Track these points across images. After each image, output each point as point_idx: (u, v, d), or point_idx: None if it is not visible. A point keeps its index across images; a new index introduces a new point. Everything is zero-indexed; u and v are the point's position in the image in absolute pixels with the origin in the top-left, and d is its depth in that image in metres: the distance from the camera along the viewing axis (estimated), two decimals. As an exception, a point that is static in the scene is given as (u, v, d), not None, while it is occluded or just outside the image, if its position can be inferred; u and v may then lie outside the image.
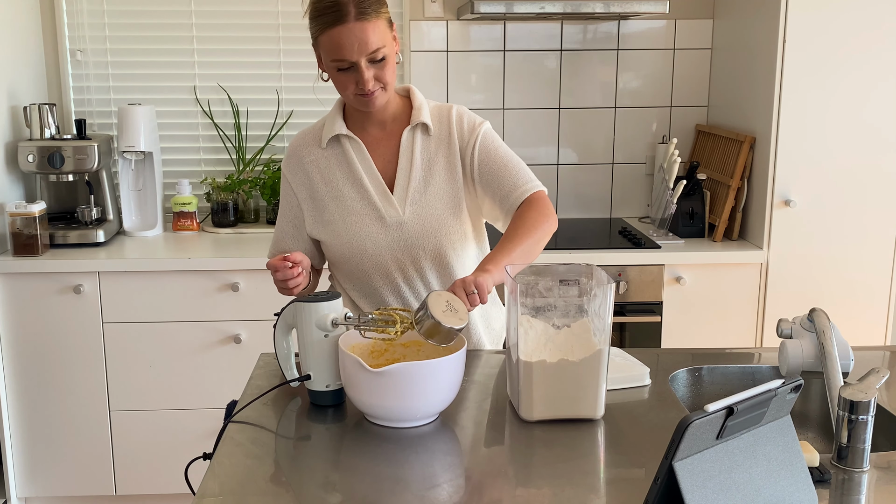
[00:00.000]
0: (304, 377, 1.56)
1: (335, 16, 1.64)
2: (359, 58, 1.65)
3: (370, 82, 1.68)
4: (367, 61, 1.66)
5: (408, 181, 1.80)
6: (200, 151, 3.36)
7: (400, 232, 1.79)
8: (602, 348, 1.45)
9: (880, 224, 2.89)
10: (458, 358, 1.45)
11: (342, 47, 1.64)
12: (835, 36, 2.77)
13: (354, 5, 1.63)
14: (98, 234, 2.93)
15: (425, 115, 1.81)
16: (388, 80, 1.71)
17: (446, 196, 1.80)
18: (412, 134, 1.82)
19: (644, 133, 3.44)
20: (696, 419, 1.00)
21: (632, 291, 2.88)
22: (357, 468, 1.32)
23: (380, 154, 1.83)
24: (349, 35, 1.63)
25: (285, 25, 3.26)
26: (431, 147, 1.82)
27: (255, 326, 2.84)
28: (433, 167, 1.81)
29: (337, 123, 1.82)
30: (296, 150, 1.86)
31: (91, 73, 3.26)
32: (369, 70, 1.67)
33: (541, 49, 3.35)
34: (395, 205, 1.79)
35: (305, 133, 1.88)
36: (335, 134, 1.81)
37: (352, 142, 1.82)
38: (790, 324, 1.72)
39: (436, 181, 1.80)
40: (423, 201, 1.79)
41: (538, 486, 1.26)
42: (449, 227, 1.80)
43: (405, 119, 1.84)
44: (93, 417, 2.88)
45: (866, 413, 1.30)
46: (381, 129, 1.84)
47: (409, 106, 1.85)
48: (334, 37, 1.64)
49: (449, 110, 1.85)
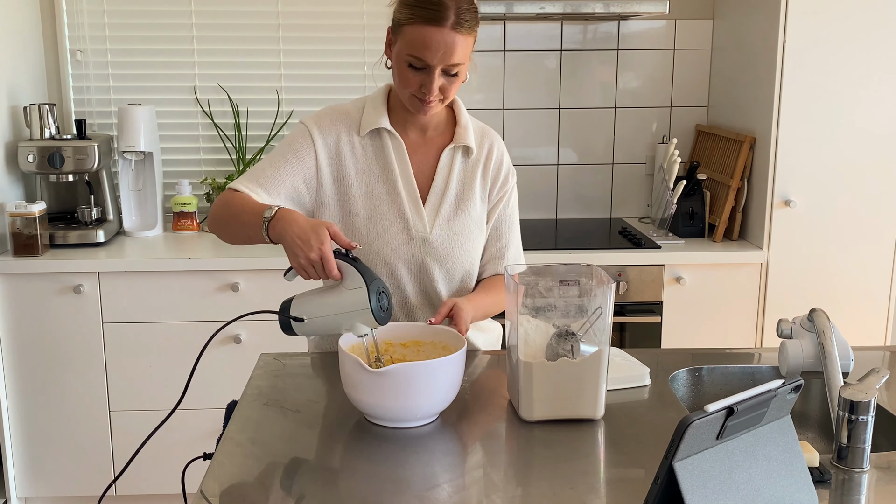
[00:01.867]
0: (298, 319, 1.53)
1: (434, 15, 1.58)
2: (438, 64, 1.61)
3: (436, 91, 1.64)
4: (442, 70, 1.63)
5: (440, 200, 1.77)
6: (200, 151, 3.36)
7: (423, 248, 1.76)
8: (602, 348, 1.45)
9: (880, 224, 2.89)
10: (458, 358, 1.46)
11: (427, 48, 1.59)
12: (835, 36, 2.77)
13: (455, 13, 1.58)
14: (98, 235, 2.93)
15: (470, 138, 1.78)
16: (450, 96, 1.68)
17: (473, 224, 1.79)
18: (453, 153, 1.79)
19: (644, 133, 3.44)
20: (696, 419, 1.00)
21: (632, 291, 2.88)
22: (357, 468, 1.32)
23: (416, 161, 1.78)
24: (439, 39, 1.59)
25: (285, 25, 3.26)
26: (468, 170, 1.80)
27: (255, 326, 2.84)
28: (466, 193, 1.79)
29: (381, 116, 1.75)
30: (334, 122, 1.76)
31: (91, 73, 3.26)
32: (440, 79, 1.63)
33: (541, 49, 3.35)
34: (425, 220, 1.76)
35: (344, 110, 1.78)
36: (378, 127, 1.75)
37: (393, 140, 1.77)
38: (790, 324, 1.72)
39: (466, 207, 1.79)
40: (451, 225, 1.77)
41: (538, 486, 1.26)
42: (470, 254, 1.80)
43: (446, 130, 1.80)
44: (93, 417, 2.88)
45: (866, 413, 1.30)
46: (420, 134, 1.79)
47: (452, 116, 1.81)
48: (424, 34, 1.59)
49: (492, 141, 1.83)
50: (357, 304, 1.48)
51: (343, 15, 3.26)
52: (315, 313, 1.53)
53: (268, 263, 2.78)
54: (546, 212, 3.46)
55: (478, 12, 1.65)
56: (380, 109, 1.76)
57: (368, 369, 1.39)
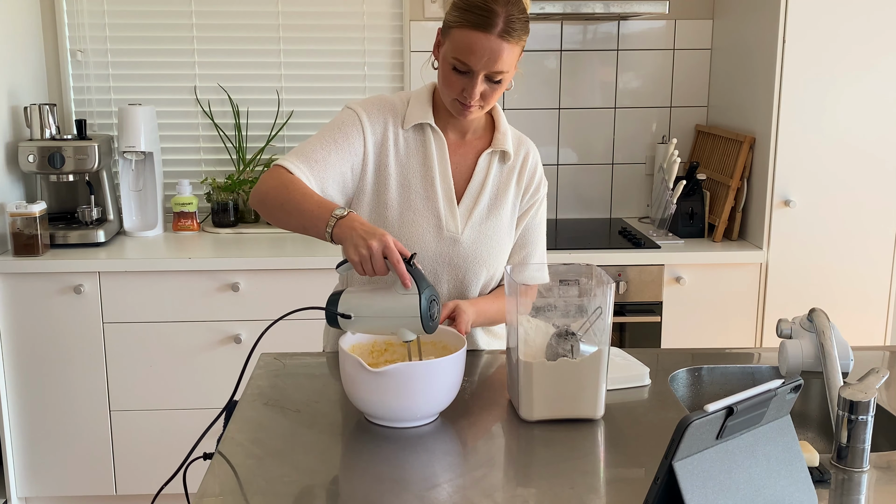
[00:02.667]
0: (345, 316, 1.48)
1: (483, 20, 1.58)
2: (481, 70, 1.61)
3: (477, 96, 1.64)
4: (485, 76, 1.63)
5: (474, 202, 1.78)
6: (201, 151, 3.36)
7: (452, 248, 1.76)
8: (602, 348, 1.45)
9: (880, 224, 2.89)
10: (458, 358, 1.46)
11: (473, 52, 1.59)
12: (835, 36, 2.77)
13: (504, 20, 1.58)
14: (98, 235, 2.93)
15: (508, 144, 1.80)
16: (490, 102, 1.68)
17: (503, 228, 1.81)
18: (490, 157, 1.80)
19: (644, 133, 3.44)
20: (696, 419, 1.00)
21: (632, 291, 2.88)
22: (357, 468, 1.32)
23: (454, 161, 1.79)
24: (486, 45, 1.59)
25: (285, 25, 3.26)
26: (503, 176, 1.81)
27: (255, 326, 2.84)
28: (500, 197, 1.80)
29: (426, 112, 1.75)
30: (382, 111, 1.75)
31: (91, 73, 3.26)
32: (482, 85, 1.64)
33: (541, 49, 3.35)
34: (458, 220, 1.76)
35: (390, 101, 1.77)
36: (422, 122, 1.75)
37: (436, 136, 1.77)
38: (790, 324, 1.73)
39: (498, 212, 1.80)
40: (483, 228, 1.78)
41: (538, 486, 1.26)
42: (496, 258, 1.81)
43: (484, 135, 1.82)
44: (93, 417, 2.88)
45: (866, 413, 1.30)
46: (460, 135, 1.80)
47: (490, 121, 1.83)
48: (471, 39, 1.59)
49: (528, 149, 1.85)
50: (407, 309, 1.45)
51: (343, 15, 3.26)
52: (362, 312, 1.49)
53: (268, 263, 2.78)
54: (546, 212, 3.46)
55: (528, 21, 1.65)
56: (425, 106, 1.76)
57: (368, 369, 1.40)
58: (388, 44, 3.30)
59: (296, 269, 2.79)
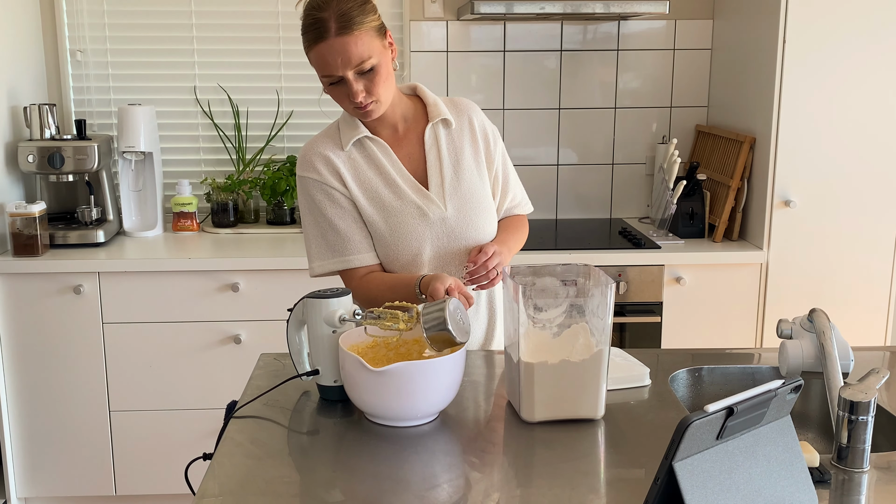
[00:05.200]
0: (312, 372, 1.56)
1: (317, 33, 1.64)
2: (344, 72, 1.66)
3: (360, 94, 1.68)
4: (355, 73, 1.66)
5: (440, 177, 1.82)
6: (200, 152, 3.36)
7: (443, 227, 1.81)
8: (602, 349, 1.45)
9: (880, 224, 2.89)
10: (458, 358, 1.46)
11: (327, 63, 1.65)
12: (835, 36, 2.77)
13: (335, 20, 1.62)
14: (98, 235, 2.93)
15: (444, 111, 1.83)
16: (380, 92, 1.71)
17: (477, 187, 1.85)
18: (434, 130, 1.84)
19: (644, 133, 3.44)
20: (696, 419, 1.00)
21: (632, 292, 2.88)
22: (357, 468, 1.32)
23: (403, 154, 1.84)
24: (331, 51, 1.64)
25: (285, 25, 3.26)
26: (455, 140, 1.85)
27: (255, 326, 2.84)
28: (461, 160, 1.85)
29: (357, 128, 1.81)
30: (320, 152, 1.81)
31: (91, 73, 3.26)
32: (358, 82, 1.68)
33: (541, 49, 3.35)
34: (436, 201, 1.81)
35: (320, 138, 1.84)
36: (358, 137, 1.80)
37: (376, 143, 1.82)
38: (790, 324, 1.72)
39: (465, 174, 1.84)
40: (460, 194, 1.83)
41: (538, 486, 1.26)
42: (486, 217, 1.86)
43: (419, 117, 1.85)
44: (93, 417, 2.88)
45: (866, 413, 1.30)
46: (393, 131, 1.84)
47: (420, 104, 1.86)
48: (319, 53, 1.65)
49: (467, 105, 1.89)
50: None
51: (343, 15, 3.26)
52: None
53: (268, 264, 2.78)
54: (546, 212, 3.46)
55: (366, 3, 1.68)
56: (352, 123, 1.82)
57: (369, 368, 1.40)
58: (388, 44, 3.29)
59: (296, 269, 2.79)
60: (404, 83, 1.90)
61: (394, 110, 1.81)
